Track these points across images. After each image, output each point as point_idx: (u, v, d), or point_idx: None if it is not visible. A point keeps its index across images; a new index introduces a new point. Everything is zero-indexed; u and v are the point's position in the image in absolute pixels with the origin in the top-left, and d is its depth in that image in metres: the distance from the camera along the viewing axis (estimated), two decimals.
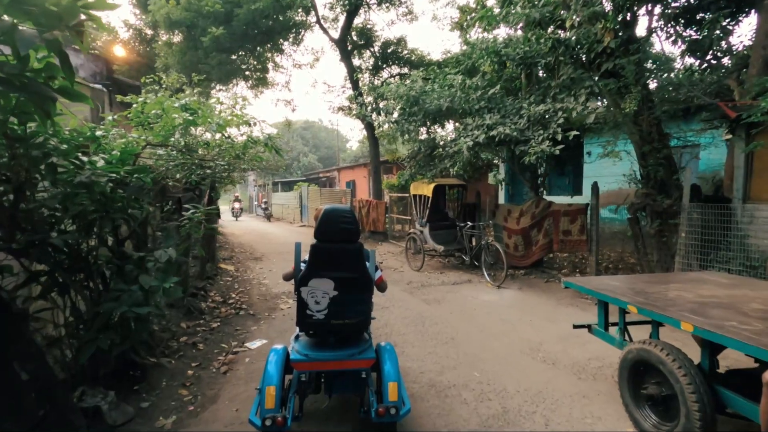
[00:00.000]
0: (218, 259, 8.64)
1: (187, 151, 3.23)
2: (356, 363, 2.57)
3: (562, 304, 5.99)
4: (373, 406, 2.44)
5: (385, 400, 2.43)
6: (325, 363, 2.56)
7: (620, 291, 3.07)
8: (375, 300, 5.49)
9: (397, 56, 14.23)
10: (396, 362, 2.64)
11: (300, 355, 2.55)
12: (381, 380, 2.56)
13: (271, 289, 6.96)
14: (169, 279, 2.99)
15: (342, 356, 2.56)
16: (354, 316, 2.61)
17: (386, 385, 2.46)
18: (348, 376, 2.69)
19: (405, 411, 2.51)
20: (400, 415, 2.45)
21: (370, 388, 2.64)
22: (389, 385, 2.45)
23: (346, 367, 2.59)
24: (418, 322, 5.23)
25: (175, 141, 2.81)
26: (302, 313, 2.56)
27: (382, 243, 13.08)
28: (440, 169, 7.80)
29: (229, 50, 12.32)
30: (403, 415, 2.52)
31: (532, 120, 5.60)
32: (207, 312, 5.34)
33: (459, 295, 6.56)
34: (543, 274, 7.57)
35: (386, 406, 2.38)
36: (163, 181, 3.40)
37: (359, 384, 2.67)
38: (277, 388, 2.36)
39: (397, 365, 2.62)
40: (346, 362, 2.56)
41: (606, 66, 5.66)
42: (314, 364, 2.56)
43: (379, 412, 2.36)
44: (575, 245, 6.89)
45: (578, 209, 6.84)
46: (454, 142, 6.06)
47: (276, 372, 2.46)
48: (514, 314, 5.53)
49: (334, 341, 2.68)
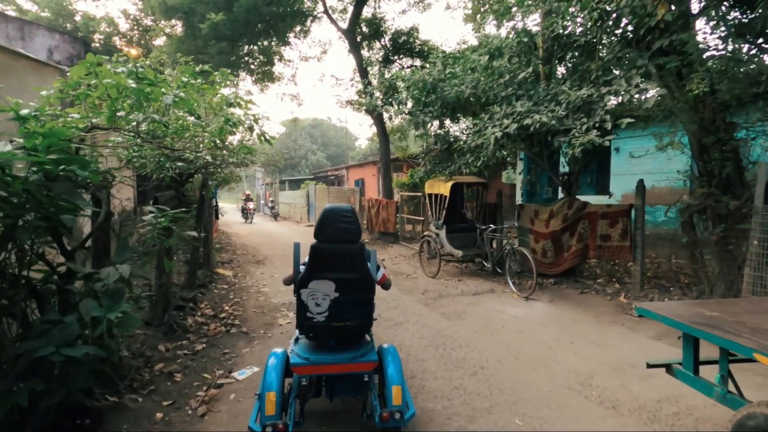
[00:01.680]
0: (214, 264, 7.92)
1: (151, 138, 2.50)
2: (358, 366, 2.51)
3: (604, 321, 5.16)
4: (377, 411, 2.41)
5: (389, 404, 2.37)
6: (327, 366, 2.51)
7: (726, 325, 2.25)
8: (388, 315, 4.58)
9: (408, 47, 13.40)
10: (399, 365, 2.56)
11: (300, 358, 2.48)
12: (384, 384, 2.49)
13: (269, 299, 6.21)
14: (118, 306, 2.25)
15: (344, 359, 2.51)
16: (356, 318, 2.55)
17: (390, 388, 2.40)
18: (349, 380, 2.64)
19: (410, 415, 2.45)
20: (405, 420, 2.39)
21: (373, 391, 2.60)
22: (393, 389, 2.39)
23: (348, 371, 2.53)
24: (439, 344, 4.44)
25: (128, 120, 2.09)
26: (302, 315, 2.50)
27: (392, 245, 12.29)
28: (458, 166, 6.99)
29: (229, 38, 11.59)
30: (408, 420, 2.44)
31: (572, 107, 4.77)
32: (193, 329, 4.61)
33: (482, 308, 5.76)
34: (576, 284, 6.72)
35: (391, 411, 2.33)
36: (118, 177, 2.68)
37: (361, 387, 2.62)
38: (277, 394, 2.28)
39: (400, 368, 2.54)
40: (348, 365, 2.51)
41: (660, 43, 4.80)
42: (315, 368, 2.50)
43: (384, 416, 2.32)
44: (616, 252, 6.03)
45: (620, 211, 5.98)
46: (479, 134, 5.26)
47: (276, 377, 2.37)
48: (549, 334, 4.72)
49: (335, 344, 2.63)
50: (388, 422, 2.33)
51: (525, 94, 5.66)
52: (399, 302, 6.10)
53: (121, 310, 2.21)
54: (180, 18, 11.18)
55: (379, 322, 5.17)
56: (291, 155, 44.33)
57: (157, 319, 4.29)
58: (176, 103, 2.04)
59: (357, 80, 14.77)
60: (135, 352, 3.70)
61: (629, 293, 5.93)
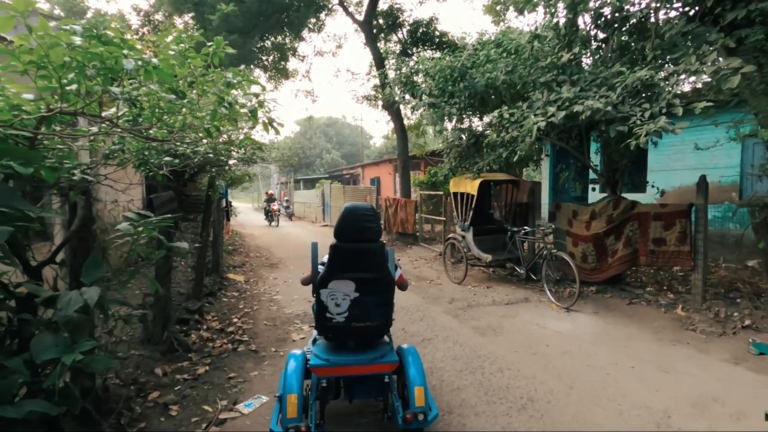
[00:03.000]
0: (223, 269, 7.45)
1: (132, 125, 1.97)
2: (379, 367, 2.49)
3: (664, 339, 4.47)
4: (399, 412, 2.38)
5: (411, 406, 2.34)
6: (347, 368, 2.48)
7: None
8: (414, 329, 4.37)
9: (428, 38, 12.73)
10: (420, 365, 2.52)
11: (320, 359, 2.46)
12: (406, 385, 2.45)
13: (282, 309, 5.69)
14: (79, 345, 1.71)
15: (364, 360, 2.49)
16: (376, 318, 2.52)
17: (412, 389, 2.37)
18: (369, 381, 2.60)
19: (433, 416, 2.43)
20: (429, 421, 2.37)
21: (393, 392, 2.56)
22: (416, 390, 2.36)
23: (369, 372, 2.50)
24: (476, 367, 3.83)
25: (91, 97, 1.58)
26: (322, 316, 2.48)
27: (411, 246, 11.68)
28: (487, 162, 6.34)
29: (241, 31, 11.11)
30: (431, 421, 2.43)
31: (628, 91, 4.09)
32: (196, 347, 4.10)
33: (519, 321, 5.12)
34: (622, 293, 6.01)
35: (414, 412, 2.30)
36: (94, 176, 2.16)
37: (381, 388, 2.60)
38: (298, 396, 2.26)
39: (422, 368, 2.50)
40: (368, 366, 2.48)
41: (733, 15, 4.09)
42: (336, 369, 2.47)
43: (407, 418, 2.29)
44: (672, 258, 5.31)
45: (677, 212, 5.25)
46: (516, 125, 4.61)
47: (296, 379, 2.35)
48: (604, 355, 4.06)
49: (354, 345, 2.60)
50: (412, 424, 2.29)
51: (567, 79, 4.99)
52: (425, 313, 5.51)
53: (82, 350, 1.68)
54: (190, 10, 10.73)
55: (404, 337, 4.59)
56: (306, 154, 44.08)
57: (156, 336, 3.80)
58: (146, 71, 1.50)
59: (373, 74, 14.20)
60: (126, 379, 3.20)
61: (687, 305, 5.21)
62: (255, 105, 2.03)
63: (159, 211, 3.38)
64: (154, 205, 3.25)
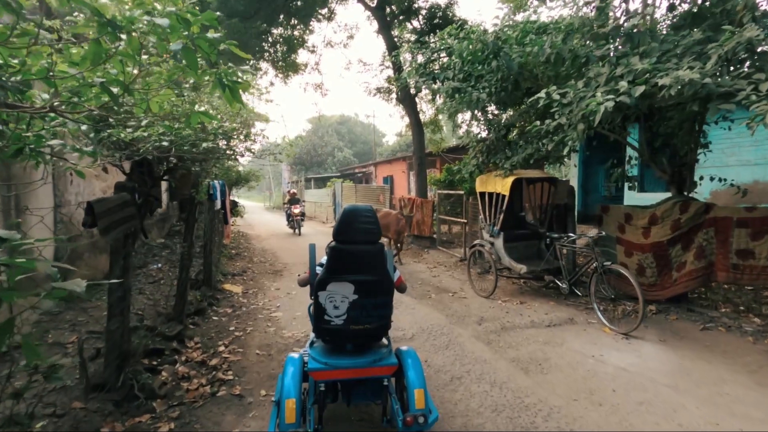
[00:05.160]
0: (218, 280, 6.59)
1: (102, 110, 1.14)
2: (378, 370, 2.43)
3: (765, 380, 3.45)
4: (399, 415, 2.33)
5: (411, 408, 2.28)
6: (346, 371, 2.41)
7: None
8: (438, 362, 3.90)
9: (446, 24, 11.72)
10: (420, 368, 2.44)
11: (319, 363, 2.40)
12: (405, 388, 2.37)
13: (281, 332, 4.80)
14: None
15: (363, 363, 2.42)
16: (375, 321, 2.45)
17: (412, 392, 2.31)
18: (368, 384, 2.56)
19: (433, 419, 2.38)
20: (429, 423, 2.31)
21: (392, 395, 2.50)
22: (415, 393, 2.29)
23: (368, 375, 2.44)
24: (527, 424, 2.88)
25: None
26: (320, 318, 2.42)
27: (428, 250, 10.72)
28: (525, 155, 5.34)
29: (242, 15, 10.24)
30: (432, 423, 2.36)
31: (726, 59, 3.09)
32: (165, 390, 3.22)
33: (568, 351, 4.15)
34: (692, 315, 4.96)
35: (414, 415, 2.24)
36: None
37: (380, 392, 2.57)
38: (297, 401, 2.18)
39: (421, 371, 2.42)
40: (368, 369, 2.42)
41: None
42: (334, 373, 2.40)
43: (407, 421, 2.23)
44: (762, 275, 4.26)
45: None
46: (575, 105, 3.63)
47: (294, 383, 2.27)
48: (694, 409, 3.07)
49: (352, 347, 2.52)
50: (412, 427, 2.23)
51: (630, 52, 3.98)
52: (450, 337, 4.57)
53: None
54: None
55: (429, 372, 3.65)
56: (318, 152, 43.32)
57: (109, 381, 2.93)
58: None
59: (386, 65, 13.26)
60: None
61: None
62: (206, 51, 1.14)
63: (103, 220, 2.50)
64: (95, 212, 2.39)
